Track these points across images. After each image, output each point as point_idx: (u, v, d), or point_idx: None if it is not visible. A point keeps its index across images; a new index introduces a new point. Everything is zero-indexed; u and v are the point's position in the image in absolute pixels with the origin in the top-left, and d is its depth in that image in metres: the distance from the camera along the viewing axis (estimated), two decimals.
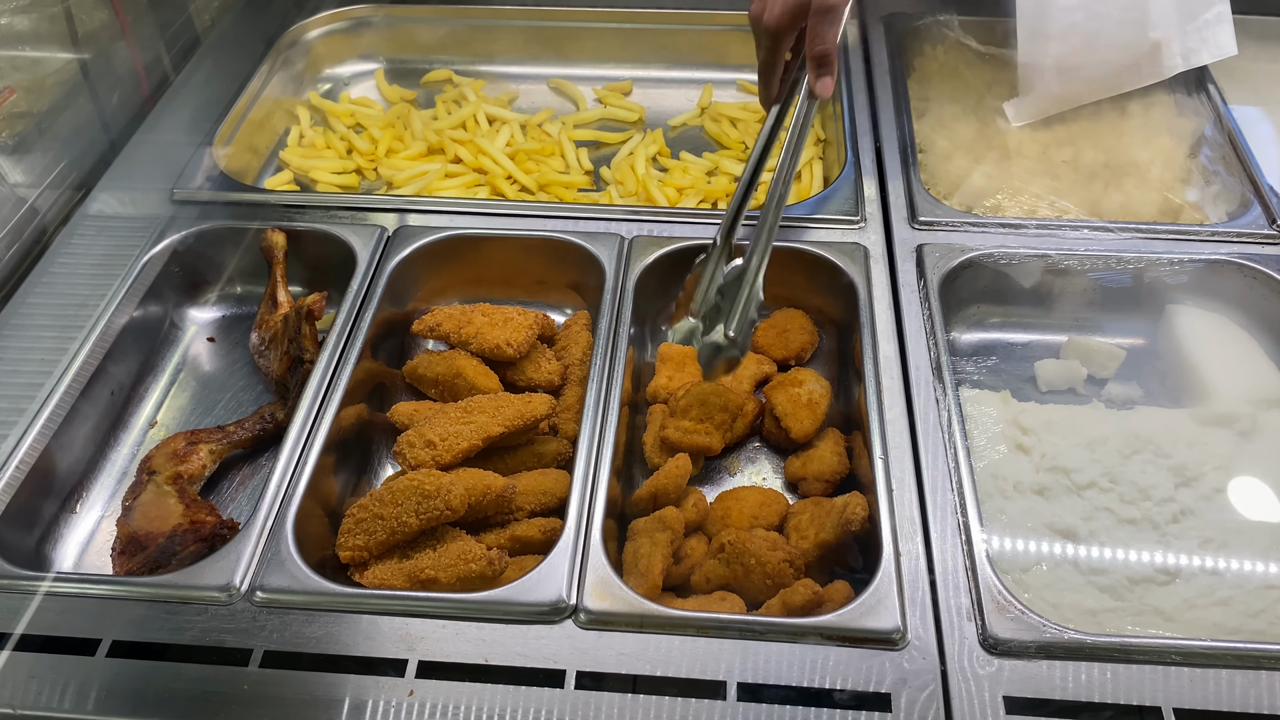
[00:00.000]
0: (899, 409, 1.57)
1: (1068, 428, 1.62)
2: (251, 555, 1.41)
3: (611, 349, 1.68)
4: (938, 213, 1.87)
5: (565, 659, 1.29)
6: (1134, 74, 2.05)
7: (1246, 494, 1.53)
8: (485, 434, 1.57)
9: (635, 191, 2.10)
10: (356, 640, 1.32)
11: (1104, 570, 1.44)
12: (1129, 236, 1.84)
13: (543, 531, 1.52)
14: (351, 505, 1.50)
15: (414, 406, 1.69)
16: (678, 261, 1.84)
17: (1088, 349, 1.78)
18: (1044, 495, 1.54)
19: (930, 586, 1.36)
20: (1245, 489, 1.54)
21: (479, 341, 1.71)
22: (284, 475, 1.50)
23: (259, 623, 1.34)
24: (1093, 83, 2.06)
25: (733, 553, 1.43)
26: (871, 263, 1.80)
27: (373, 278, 1.80)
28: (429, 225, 1.89)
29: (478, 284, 1.91)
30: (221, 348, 1.91)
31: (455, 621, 1.33)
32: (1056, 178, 2.00)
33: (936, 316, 1.69)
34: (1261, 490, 1.54)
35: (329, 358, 1.66)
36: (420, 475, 1.47)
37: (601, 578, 1.37)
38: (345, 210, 1.93)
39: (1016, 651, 1.29)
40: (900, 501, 1.45)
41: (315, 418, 1.58)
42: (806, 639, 1.30)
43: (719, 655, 1.29)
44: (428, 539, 1.48)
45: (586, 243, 1.85)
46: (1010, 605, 1.32)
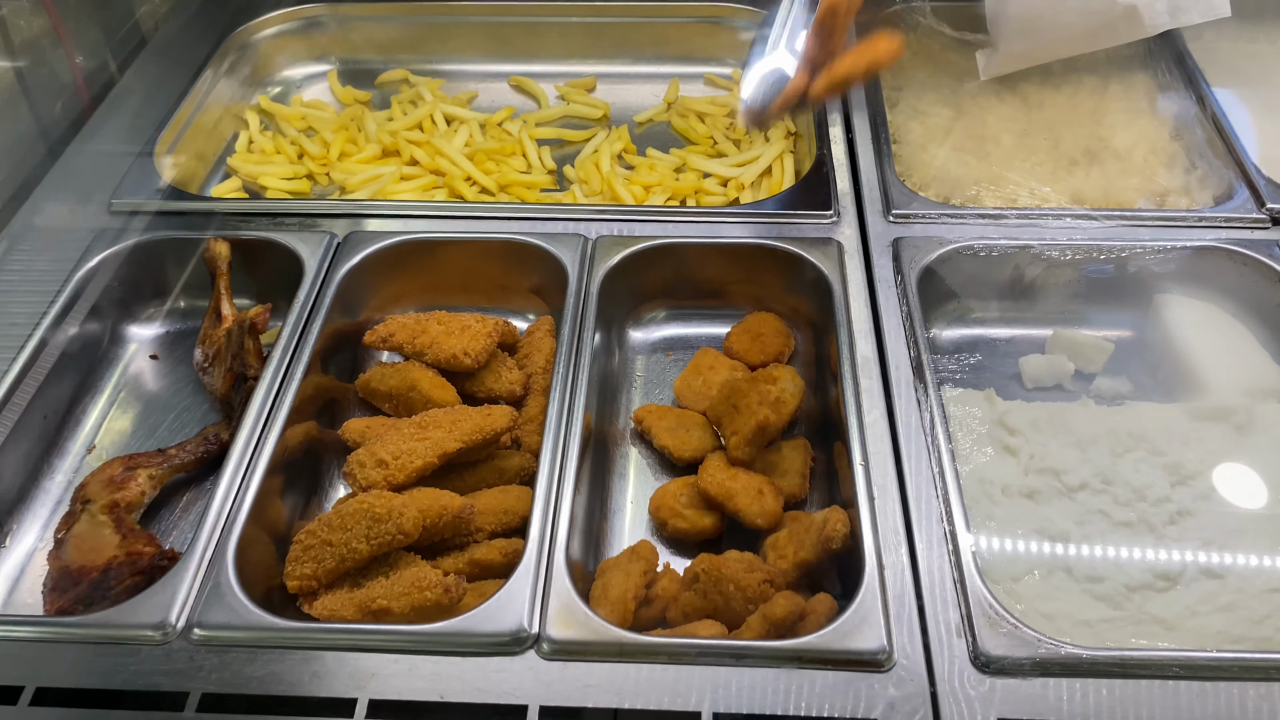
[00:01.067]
0: (879, 412, 1.49)
1: (1056, 426, 1.54)
2: (189, 589, 1.31)
3: (575, 355, 1.59)
4: (914, 204, 1.79)
5: (527, 693, 1.20)
6: (1109, 32, 1.95)
7: (1246, 491, 1.46)
8: (441, 450, 1.47)
9: (600, 190, 2.01)
10: (302, 679, 1.22)
11: (1100, 577, 1.36)
12: (1114, 224, 1.76)
13: (504, 554, 1.43)
14: (300, 531, 1.41)
15: (366, 423, 1.59)
16: (644, 262, 1.76)
17: (1074, 343, 1.70)
18: (1034, 499, 1.46)
19: (917, 602, 1.28)
20: (1245, 486, 1.46)
21: (435, 351, 1.61)
22: (225, 501, 1.41)
23: (196, 663, 1.24)
24: (1062, 38, 1.97)
25: (708, 581, 1.34)
26: (846, 258, 1.72)
27: (321, 287, 1.70)
28: (382, 230, 1.79)
29: (434, 291, 1.81)
30: (165, 365, 1.81)
31: (409, 655, 1.24)
32: (1036, 165, 1.93)
33: (915, 313, 1.61)
34: (1261, 487, 1.47)
35: (274, 373, 1.56)
36: (371, 497, 1.37)
37: (565, 604, 1.28)
38: (293, 217, 1.83)
39: (1010, 670, 1.21)
40: (883, 511, 1.36)
41: (259, 437, 1.48)
42: (786, 664, 1.22)
43: (693, 684, 1.20)
44: (381, 565, 1.38)
45: (548, 244, 1.76)
46: (1002, 619, 1.24)
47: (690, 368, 1.72)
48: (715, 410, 1.57)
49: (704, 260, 1.77)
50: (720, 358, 1.73)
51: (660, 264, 1.77)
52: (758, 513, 1.46)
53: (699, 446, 1.59)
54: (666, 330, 1.84)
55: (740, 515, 1.47)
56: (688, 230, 1.78)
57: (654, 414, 1.64)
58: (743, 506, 1.47)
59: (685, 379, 1.71)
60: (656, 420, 1.63)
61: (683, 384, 1.70)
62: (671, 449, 1.59)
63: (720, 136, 2.16)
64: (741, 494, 1.48)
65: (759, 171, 2.03)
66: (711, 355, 1.73)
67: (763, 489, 1.49)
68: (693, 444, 1.59)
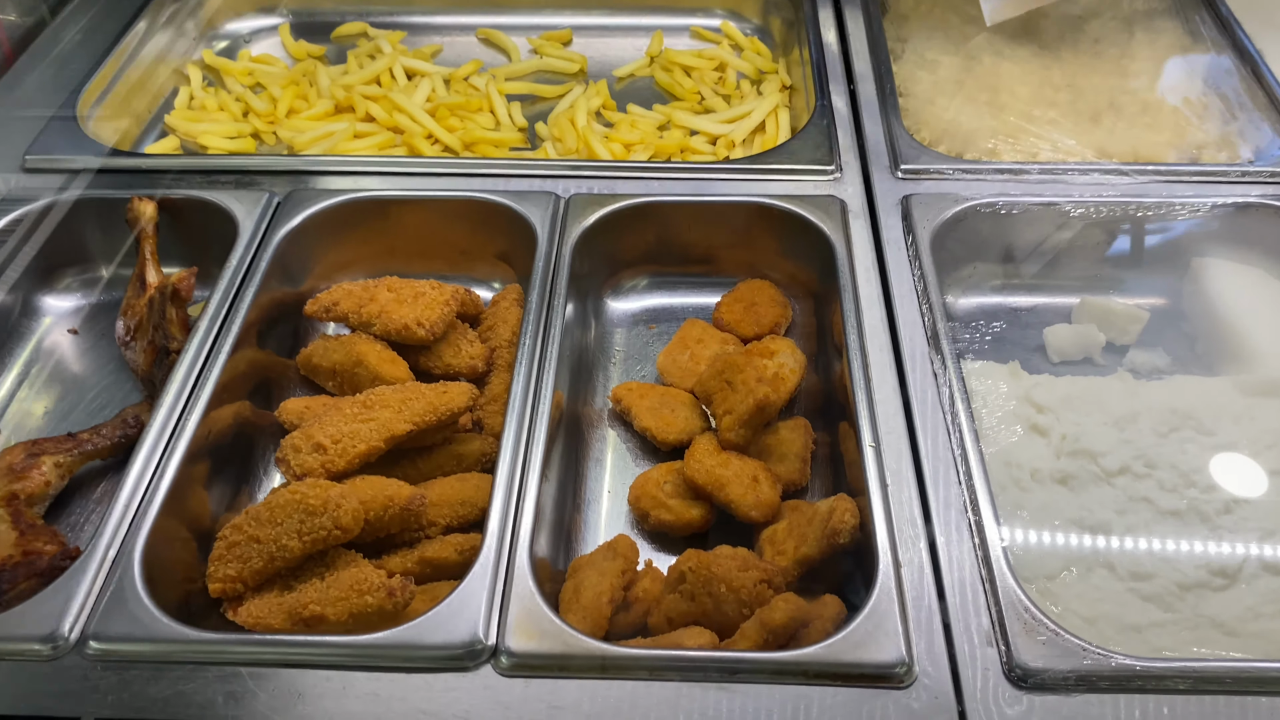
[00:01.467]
0: (890, 387, 1.30)
1: (1090, 403, 1.36)
2: (86, 595, 1.11)
3: (545, 326, 1.40)
4: (924, 159, 1.61)
5: (482, 716, 1.02)
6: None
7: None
8: (388, 433, 1.28)
9: (576, 149, 1.82)
10: (214, 701, 1.03)
11: (1147, 575, 1.19)
12: (1147, 180, 1.58)
13: (460, 551, 1.24)
14: (225, 526, 1.21)
15: (306, 403, 1.40)
16: (623, 223, 1.57)
17: (1105, 311, 1.52)
18: (1068, 485, 1.28)
19: (939, 604, 1.10)
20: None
21: (384, 321, 1.42)
22: (135, 491, 1.21)
23: (90, 682, 1.05)
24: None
25: (697, 581, 1.15)
26: (850, 218, 1.53)
27: (258, 250, 1.50)
28: (328, 189, 1.59)
29: (387, 257, 1.62)
30: (85, 341, 1.61)
31: (343, 671, 1.05)
32: (1056, 120, 1.75)
33: (929, 277, 1.42)
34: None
35: (199, 345, 1.37)
36: (305, 487, 1.18)
37: (529, 609, 1.09)
38: (229, 174, 1.63)
39: (1051, 684, 1.03)
40: (898, 499, 1.18)
41: (179, 418, 1.29)
42: (788, 679, 1.03)
43: (679, 705, 1.02)
44: (316, 566, 1.20)
45: (515, 203, 1.56)
46: (1040, 625, 1.06)
47: (675, 341, 1.53)
48: (705, 387, 1.38)
49: (690, 221, 1.58)
50: (709, 330, 1.54)
51: (641, 225, 1.58)
52: (752, 503, 1.28)
53: (685, 428, 1.40)
54: (649, 300, 1.65)
55: (732, 506, 1.28)
56: (672, 188, 1.59)
57: (635, 392, 1.45)
58: (735, 496, 1.28)
59: (670, 353, 1.52)
60: (637, 399, 1.44)
61: (667, 359, 1.51)
62: (654, 431, 1.40)
63: (708, 92, 1.97)
64: (734, 482, 1.29)
65: (751, 128, 1.85)
66: (699, 327, 1.54)
67: (758, 476, 1.31)
68: (678, 426, 1.41)
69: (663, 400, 1.44)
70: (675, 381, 1.48)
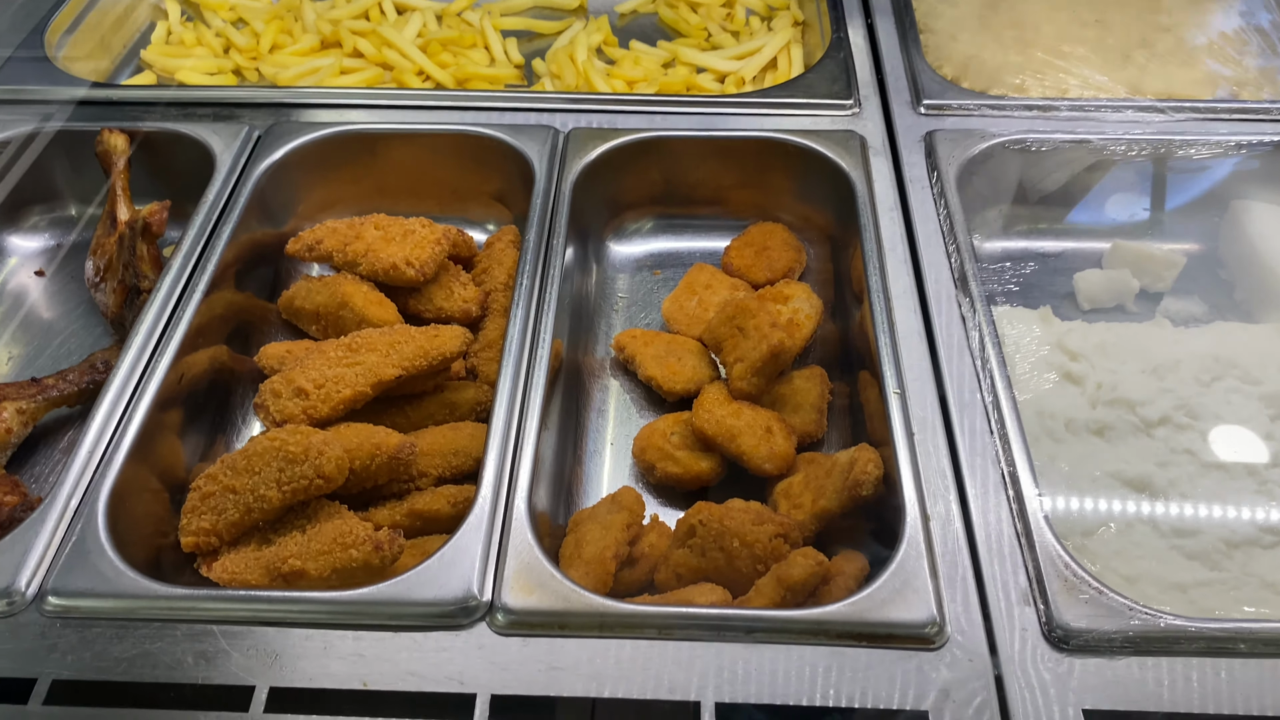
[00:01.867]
0: (915, 331, 1.21)
1: (1126, 350, 1.27)
2: (46, 547, 1.02)
3: (543, 269, 1.31)
4: (949, 95, 1.51)
5: (475, 678, 0.93)
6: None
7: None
8: (376, 378, 1.19)
9: (576, 86, 1.72)
10: (183, 661, 0.95)
11: (1191, 531, 1.11)
12: (1183, 118, 1.48)
13: (452, 503, 1.15)
14: (199, 476, 1.12)
15: (287, 347, 1.31)
16: (626, 160, 1.47)
17: (1138, 256, 1.43)
18: (1104, 436, 1.20)
19: (972, 560, 1.01)
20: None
21: (371, 261, 1.32)
22: (100, 437, 1.12)
23: (49, 640, 0.96)
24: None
25: (708, 536, 1.06)
26: (871, 154, 1.43)
27: (236, 186, 1.40)
28: (313, 121, 1.49)
29: (375, 196, 1.52)
30: (54, 283, 1.51)
31: (325, 630, 0.97)
32: (1085, 57, 1.65)
33: (956, 215, 1.33)
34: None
35: (172, 285, 1.27)
36: (284, 434, 1.09)
37: (527, 563, 1.00)
38: (206, 106, 1.53)
39: (1095, 646, 0.94)
40: (925, 449, 1.09)
41: (149, 360, 1.20)
42: (808, 639, 0.95)
43: (690, 665, 0.93)
44: (297, 518, 1.11)
45: (511, 138, 1.46)
46: (1082, 583, 0.98)
47: (682, 286, 1.44)
48: (714, 334, 1.29)
49: (699, 158, 1.48)
50: (718, 274, 1.45)
51: (646, 163, 1.48)
52: (765, 455, 1.19)
53: (693, 377, 1.31)
54: (654, 244, 1.55)
55: (744, 458, 1.20)
56: (679, 123, 1.49)
57: (639, 340, 1.36)
58: (747, 448, 1.20)
59: (676, 300, 1.43)
60: (642, 347, 1.35)
61: (673, 305, 1.42)
62: (660, 380, 1.31)
63: (716, 28, 1.86)
64: (745, 433, 1.21)
65: (762, 65, 1.74)
66: (708, 272, 1.45)
67: (771, 427, 1.22)
68: (685, 374, 1.32)
69: (669, 348, 1.35)
70: (682, 329, 1.39)
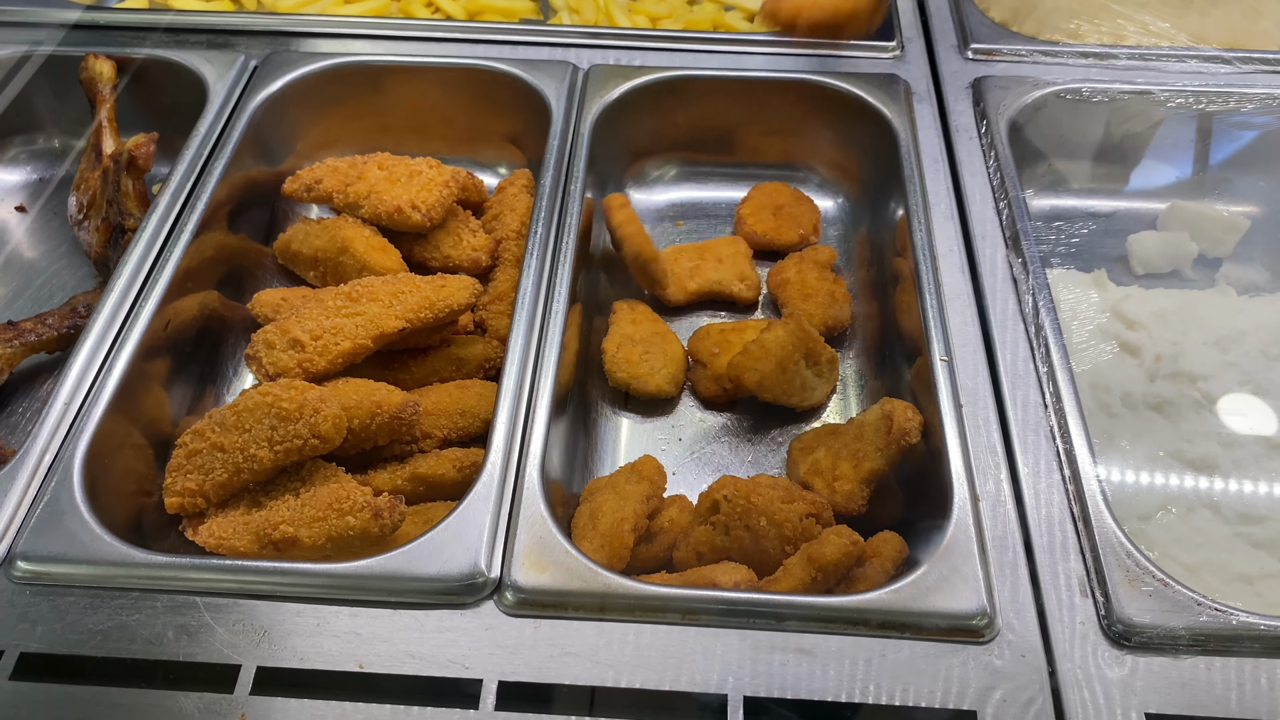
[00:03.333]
0: (963, 293, 1.12)
1: (1188, 319, 1.18)
2: (16, 507, 0.94)
3: (559, 215, 1.21)
4: (1000, 39, 1.41)
5: (481, 662, 0.85)
6: None
7: None
8: (377, 330, 1.11)
9: (596, 21, 1.61)
10: (163, 636, 0.87)
11: (1259, 518, 1.03)
12: (1252, 69, 1.38)
13: (458, 468, 1.07)
14: (185, 432, 1.04)
15: (283, 294, 1.22)
16: (649, 100, 1.37)
17: (1198, 218, 1.34)
18: (1163, 412, 1.11)
19: (1025, 545, 0.93)
20: None
21: (374, 203, 1.23)
22: (78, 388, 1.03)
23: (18, 609, 0.90)
24: None
25: (732, 513, 0.98)
26: (915, 101, 1.33)
27: (229, 119, 1.30)
28: (313, 51, 1.38)
29: (380, 135, 1.42)
30: (37, 220, 1.43)
31: (318, 606, 0.89)
32: (1145, 3, 1.53)
33: (1007, 169, 1.23)
34: None
35: (159, 224, 1.18)
36: (278, 388, 1.01)
37: (539, 537, 0.92)
38: (199, 33, 1.43)
39: (1159, 644, 0.87)
40: (974, 423, 1.01)
41: (133, 304, 1.11)
42: (849, 628, 0.87)
43: (716, 655, 0.85)
44: (290, 480, 1.03)
45: (527, 74, 1.36)
46: (1145, 573, 0.89)
47: (697, 248, 1.34)
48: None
49: (727, 101, 1.38)
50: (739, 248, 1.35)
51: (670, 104, 1.38)
52: None
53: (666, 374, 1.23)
54: (677, 192, 1.46)
55: None
56: (706, 62, 1.39)
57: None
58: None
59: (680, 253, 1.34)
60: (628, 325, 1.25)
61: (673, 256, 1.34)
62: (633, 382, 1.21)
63: None
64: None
65: None
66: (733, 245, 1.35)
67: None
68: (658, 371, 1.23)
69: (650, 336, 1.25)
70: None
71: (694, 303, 1.31)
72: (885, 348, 1.22)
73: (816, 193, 1.42)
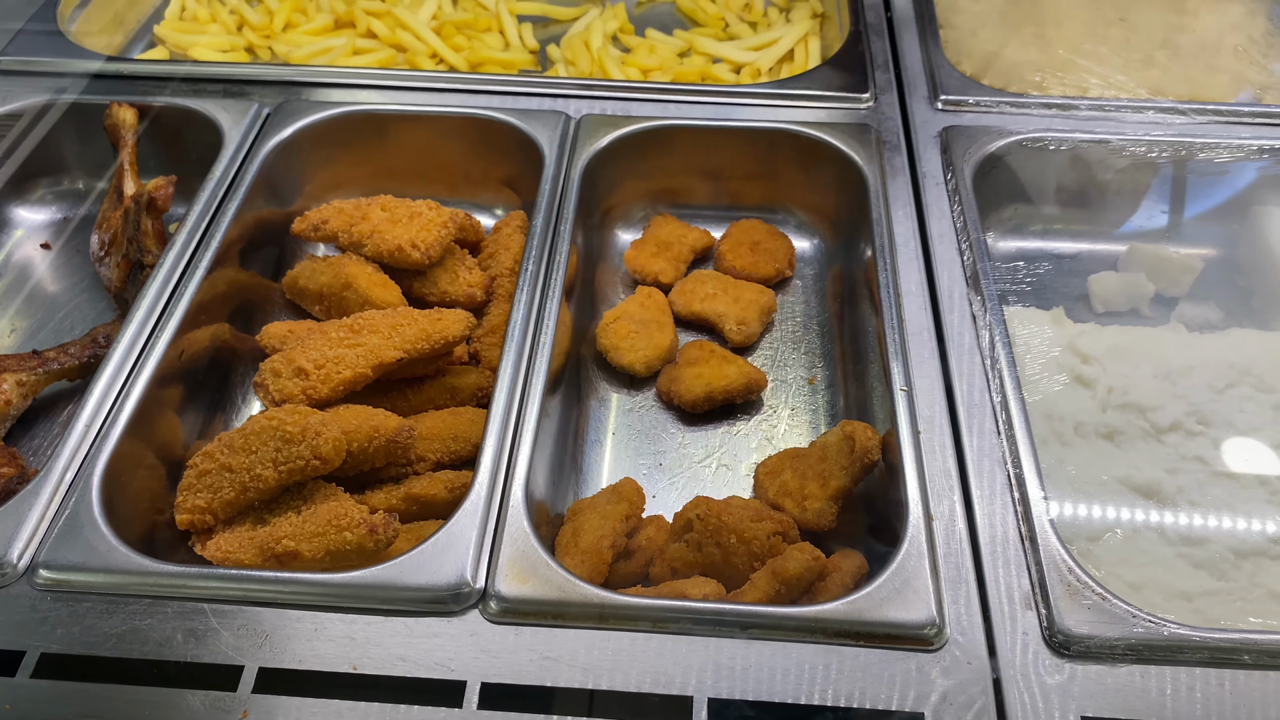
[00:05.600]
0: (924, 328, 1.19)
1: (1140, 354, 1.25)
2: (40, 519, 1.02)
3: (549, 253, 1.29)
4: (968, 90, 1.49)
5: (466, 665, 0.92)
6: None
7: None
8: (377, 360, 1.18)
9: (590, 73, 1.70)
10: (173, 639, 0.94)
11: (1199, 540, 1.09)
12: (1205, 120, 1.46)
13: (449, 489, 1.14)
14: (196, 453, 1.11)
15: (289, 327, 1.30)
16: (637, 147, 1.45)
17: (1155, 260, 1.41)
18: (1114, 440, 1.17)
19: (974, 562, 1.00)
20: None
21: (376, 242, 1.31)
22: (98, 410, 1.11)
23: (40, 613, 0.96)
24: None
25: (704, 530, 1.05)
26: (886, 149, 1.41)
27: (243, 163, 1.39)
28: (323, 100, 1.48)
29: (383, 178, 1.51)
30: (59, 256, 1.51)
31: (316, 612, 0.96)
32: (1107, 56, 1.62)
33: (970, 213, 1.31)
34: None
35: (175, 260, 1.26)
36: (283, 413, 1.08)
37: (522, 551, 0.99)
38: (216, 83, 1.52)
39: (1096, 653, 0.93)
40: (931, 447, 1.08)
41: (150, 335, 1.19)
42: (805, 636, 0.93)
43: (683, 660, 0.92)
44: (293, 499, 1.10)
45: (523, 123, 1.45)
46: (1085, 588, 0.96)
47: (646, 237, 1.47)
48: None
49: (710, 147, 1.47)
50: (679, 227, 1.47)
51: (657, 150, 1.47)
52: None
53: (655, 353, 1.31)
54: None
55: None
56: (692, 112, 1.47)
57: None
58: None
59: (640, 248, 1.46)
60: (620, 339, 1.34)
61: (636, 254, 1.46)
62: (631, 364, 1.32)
63: (733, 18, 1.85)
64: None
65: (778, 56, 1.72)
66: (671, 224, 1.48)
67: None
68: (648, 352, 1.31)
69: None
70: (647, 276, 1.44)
71: (691, 322, 1.40)
72: (852, 379, 1.30)
73: (794, 233, 1.50)
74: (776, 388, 1.34)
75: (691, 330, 1.41)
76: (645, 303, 1.37)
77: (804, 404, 1.32)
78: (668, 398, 1.30)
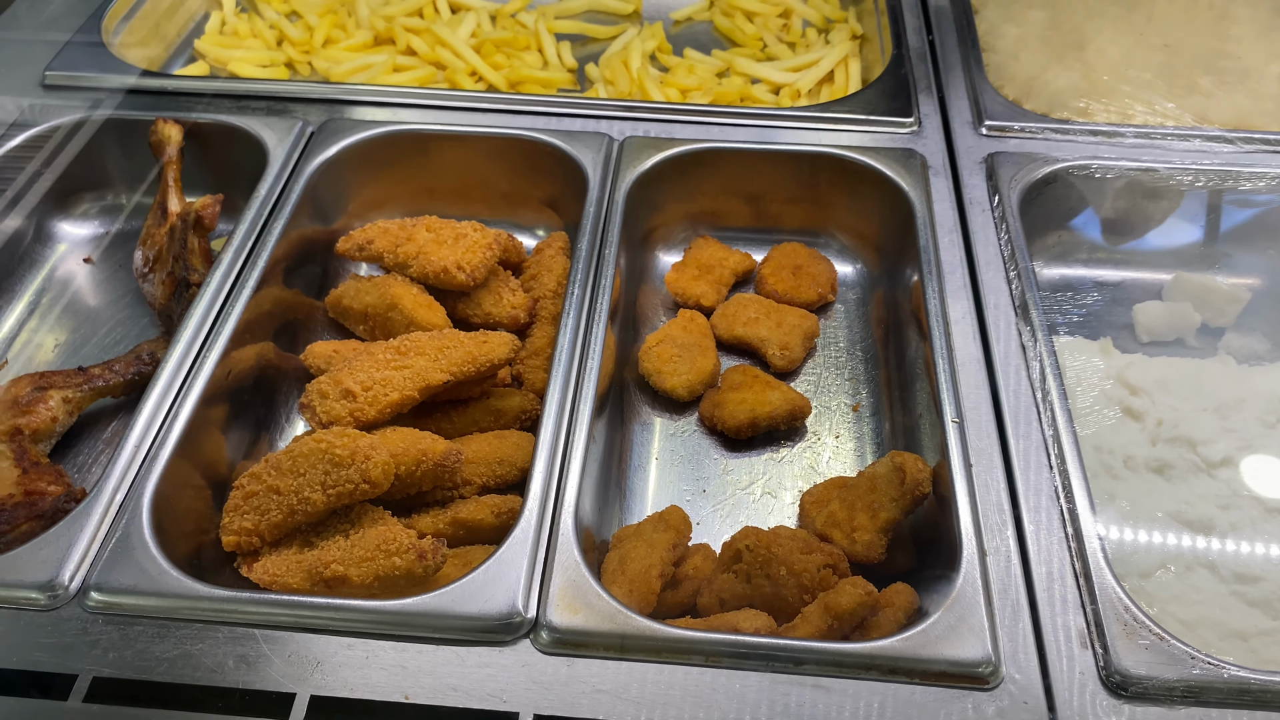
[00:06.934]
0: (974, 358, 1.19)
1: (1189, 387, 1.24)
2: (90, 541, 1.02)
3: (594, 277, 1.29)
4: (1013, 116, 1.48)
5: (519, 696, 0.91)
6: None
7: None
8: (424, 382, 1.18)
9: (629, 92, 1.70)
10: (224, 664, 0.93)
11: (1254, 578, 1.08)
12: (1254, 149, 1.45)
13: (496, 513, 1.14)
14: (243, 475, 1.11)
15: (334, 346, 1.30)
16: (680, 170, 1.45)
17: (1201, 289, 1.40)
18: (1164, 475, 1.16)
19: (1029, 599, 0.99)
20: None
21: (421, 263, 1.31)
22: (147, 431, 1.11)
23: (91, 636, 0.96)
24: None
25: (754, 561, 1.05)
26: (931, 174, 1.41)
27: (288, 182, 1.39)
28: (366, 119, 1.48)
29: (426, 197, 1.51)
30: (102, 271, 1.51)
31: (367, 640, 0.95)
32: (1151, 82, 1.61)
33: (1018, 241, 1.30)
34: None
35: (222, 279, 1.27)
36: (331, 436, 1.08)
37: (573, 580, 0.99)
38: (261, 100, 1.52)
39: (1154, 694, 0.92)
40: (983, 482, 1.07)
41: (198, 355, 1.19)
42: (861, 673, 0.93)
43: (737, 695, 0.91)
44: (340, 522, 1.10)
45: (566, 144, 1.45)
46: (1143, 627, 0.95)
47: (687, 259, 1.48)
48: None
49: (753, 170, 1.46)
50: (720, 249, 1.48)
51: (700, 174, 1.46)
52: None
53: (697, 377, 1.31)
54: None
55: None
56: (734, 134, 1.47)
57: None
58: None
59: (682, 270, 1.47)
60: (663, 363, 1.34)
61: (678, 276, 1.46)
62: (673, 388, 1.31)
63: (772, 39, 1.84)
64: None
65: (818, 78, 1.72)
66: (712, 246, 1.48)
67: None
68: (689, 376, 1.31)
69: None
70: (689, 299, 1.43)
71: (733, 346, 1.39)
72: (898, 407, 1.29)
73: (836, 258, 1.49)
74: (820, 414, 1.33)
75: (733, 354, 1.40)
76: (688, 326, 1.37)
77: (848, 431, 1.31)
78: (711, 423, 1.30)
